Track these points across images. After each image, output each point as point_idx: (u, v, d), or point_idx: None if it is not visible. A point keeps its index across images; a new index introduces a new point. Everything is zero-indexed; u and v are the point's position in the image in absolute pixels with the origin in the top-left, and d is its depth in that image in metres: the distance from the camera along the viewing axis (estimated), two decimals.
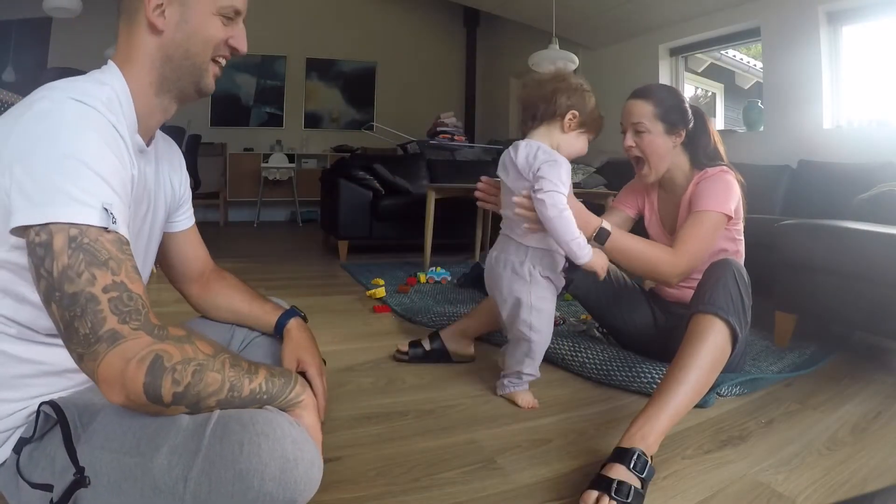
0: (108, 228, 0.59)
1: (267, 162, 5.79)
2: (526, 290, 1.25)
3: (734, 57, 4.96)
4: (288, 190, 5.93)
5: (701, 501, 0.91)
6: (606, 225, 1.23)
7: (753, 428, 1.20)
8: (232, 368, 0.65)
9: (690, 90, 4.75)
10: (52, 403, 0.66)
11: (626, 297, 1.55)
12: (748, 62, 4.99)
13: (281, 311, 0.98)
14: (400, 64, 6.64)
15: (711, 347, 1.05)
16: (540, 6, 4.34)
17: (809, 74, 3.14)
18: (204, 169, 4.95)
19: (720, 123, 4.88)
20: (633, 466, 0.87)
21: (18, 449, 0.67)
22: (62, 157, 0.58)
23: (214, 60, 0.77)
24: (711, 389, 1.24)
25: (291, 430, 0.63)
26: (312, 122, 6.44)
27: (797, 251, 1.70)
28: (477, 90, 6.88)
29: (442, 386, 1.42)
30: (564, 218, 1.12)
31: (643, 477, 0.87)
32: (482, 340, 1.70)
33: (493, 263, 1.32)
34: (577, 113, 1.21)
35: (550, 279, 1.26)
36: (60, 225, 0.57)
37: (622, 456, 0.89)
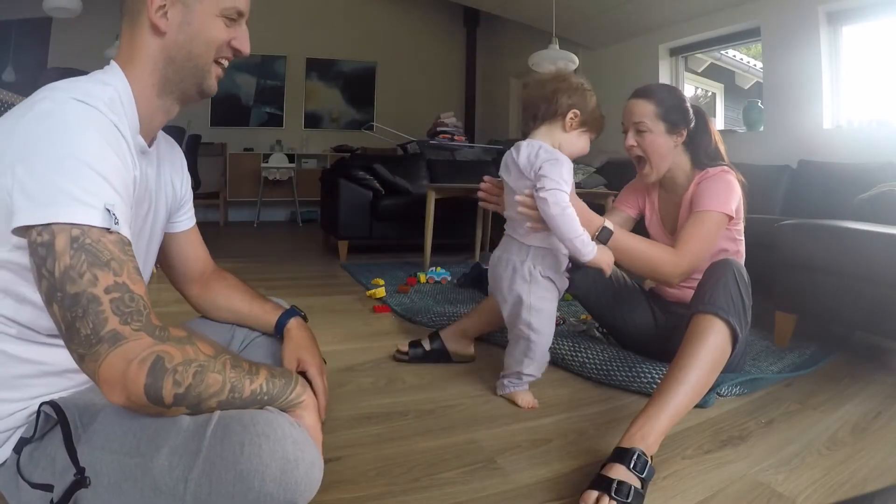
0: (110, 229, 0.59)
1: (267, 162, 5.78)
2: (526, 289, 1.25)
3: (734, 57, 4.95)
4: (288, 190, 5.92)
5: (701, 501, 0.91)
6: (609, 224, 1.23)
7: (753, 428, 1.20)
8: (233, 369, 0.65)
9: (690, 90, 4.75)
10: (52, 404, 0.66)
11: (626, 297, 1.55)
12: (748, 62, 4.99)
13: (281, 310, 0.98)
14: (400, 64, 6.64)
15: (712, 347, 1.05)
16: (540, 6, 4.34)
17: (809, 74, 3.14)
18: (204, 169, 4.94)
19: (720, 123, 4.88)
20: (633, 466, 0.87)
21: (19, 449, 0.67)
22: (64, 157, 0.58)
23: (217, 62, 0.77)
24: (711, 389, 1.24)
25: (292, 430, 0.63)
26: (312, 122, 6.44)
27: (797, 251, 1.70)
28: (477, 90, 6.88)
29: (442, 386, 1.42)
30: (567, 215, 1.12)
31: (643, 477, 0.87)
32: (482, 340, 1.70)
33: (495, 263, 1.32)
34: (578, 112, 1.21)
35: (552, 280, 1.26)
36: (63, 225, 0.57)
37: (622, 456, 0.89)
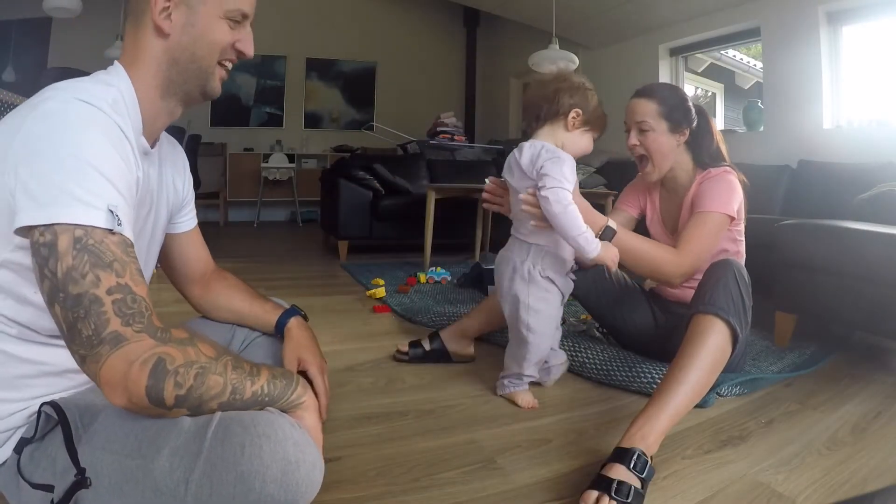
0: (113, 230, 0.59)
1: (267, 162, 5.78)
2: (524, 289, 1.25)
3: (734, 57, 4.96)
4: (288, 190, 5.92)
5: (701, 501, 0.91)
6: (612, 224, 1.23)
7: (753, 428, 1.20)
8: (234, 371, 0.65)
9: (690, 90, 4.75)
10: (53, 404, 0.66)
11: (626, 297, 1.55)
12: (748, 62, 4.99)
13: (281, 310, 0.99)
14: (400, 64, 6.64)
15: (712, 348, 1.05)
16: (540, 6, 4.33)
17: (809, 74, 3.14)
18: (204, 169, 4.95)
19: (720, 123, 4.88)
20: (633, 466, 0.87)
21: (19, 449, 0.67)
22: (67, 157, 0.58)
23: (221, 64, 0.76)
24: (711, 389, 1.24)
25: (293, 431, 0.63)
26: (312, 122, 6.43)
27: (797, 251, 1.70)
28: (477, 90, 6.88)
29: (442, 386, 1.42)
30: (569, 213, 1.12)
31: (643, 477, 0.87)
32: (482, 340, 1.70)
33: (498, 262, 1.33)
34: (580, 111, 1.21)
35: (552, 280, 1.26)
36: (65, 226, 0.57)
37: (622, 456, 0.89)
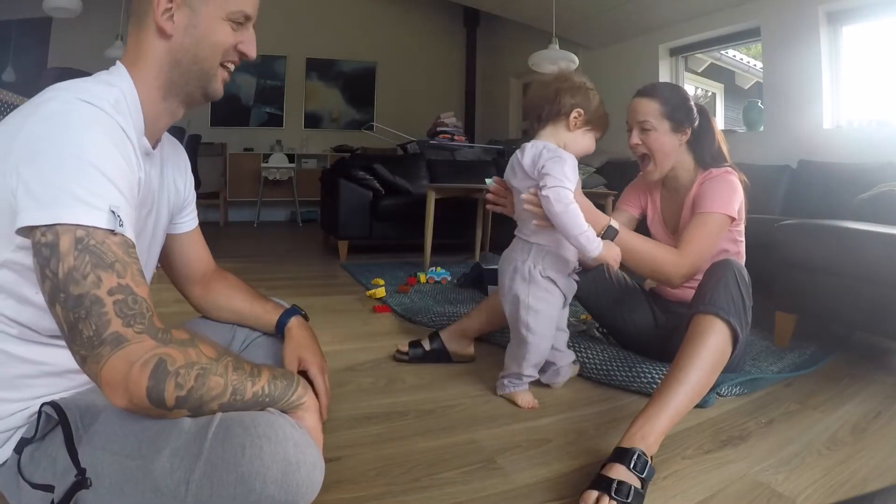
0: (114, 231, 0.59)
1: (267, 162, 5.78)
2: (524, 289, 1.25)
3: (734, 57, 4.96)
4: (288, 190, 5.92)
5: (701, 501, 0.91)
6: (615, 223, 1.24)
7: (753, 428, 1.20)
8: (235, 372, 0.65)
9: (690, 90, 4.75)
10: (53, 404, 0.66)
11: (626, 297, 1.55)
12: (748, 62, 4.99)
13: (282, 309, 0.99)
14: (400, 64, 6.64)
15: (712, 348, 1.05)
16: (540, 6, 4.34)
17: (809, 74, 3.14)
18: (204, 169, 4.95)
19: (720, 123, 4.88)
20: (633, 466, 0.87)
21: (20, 449, 0.67)
22: (69, 157, 0.58)
23: (223, 65, 0.76)
24: (711, 389, 1.24)
25: (293, 432, 0.63)
26: (312, 122, 6.43)
27: (797, 251, 1.70)
28: (477, 90, 6.88)
29: (442, 386, 1.42)
30: (570, 212, 1.12)
31: (643, 477, 0.87)
32: (482, 340, 1.70)
33: (501, 262, 1.33)
34: (581, 111, 1.21)
35: (553, 280, 1.26)
36: (67, 226, 0.56)
37: (622, 456, 0.89)
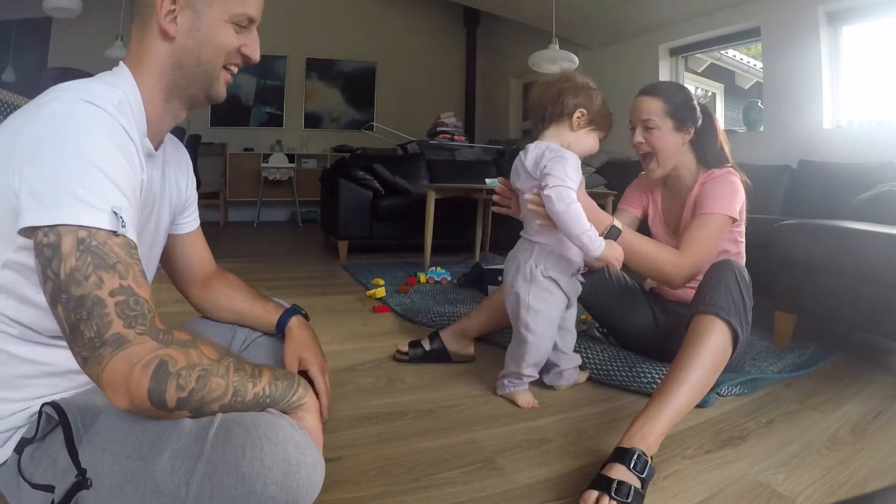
0: (116, 232, 0.59)
1: (267, 162, 5.79)
2: (525, 288, 1.25)
3: (734, 57, 4.96)
4: (288, 190, 5.93)
5: (701, 501, 0.91)
6: (617, 223, 1.24)
7: (753, 428, 1.20)
8: (236, 373, 0.65)
9: (690, 90, 4.75)
10: (53, 404, 0.66)
11: (626, 297, 1.55)
12: (748, 62, 4.99)
13: (282, 309, 0.99)
14: (400, 64, 6.64)
15: (712, 348, 1.05)
16: (540, 6, 4.34)
17: (809, 74, 3.14)
18: (204, 169, 4.95)
19: (720, 123, 4.88)
20: (633, 466, 0.87)
21: (20, 449, 0.67)
22: (72, 158, 0.57)
23: (226, 68, 0.76)
24: (712, 389, 1.24)
25: (294, 433, 0.63)
26: (312, 122, 6.44)
27: (797, 251, 1.70)
28: (477, 90, 6.88)
29: (442, 386, 1.42)
30: (572, 211, 1.12)
31: (643, 477, 0.87)
32: (482, 340, 1.70)
33: (506, 262, 1.34)
34: (584, 111, 1.21)
35: (555, 281, 1.26)
36: (69, 227, 0.56)
37: (622, 456, 0.89)
